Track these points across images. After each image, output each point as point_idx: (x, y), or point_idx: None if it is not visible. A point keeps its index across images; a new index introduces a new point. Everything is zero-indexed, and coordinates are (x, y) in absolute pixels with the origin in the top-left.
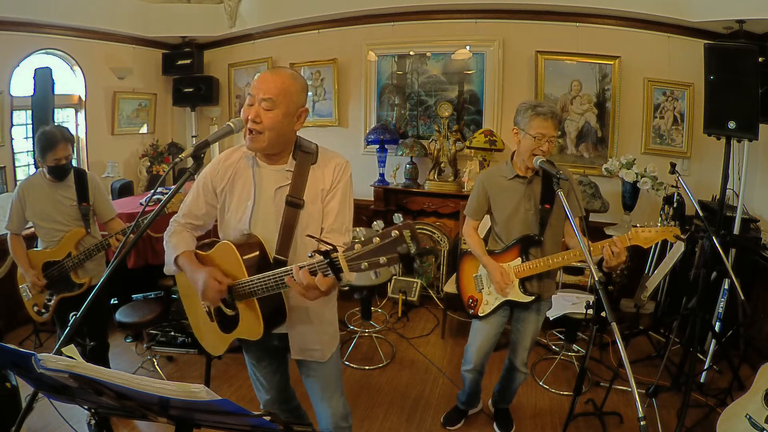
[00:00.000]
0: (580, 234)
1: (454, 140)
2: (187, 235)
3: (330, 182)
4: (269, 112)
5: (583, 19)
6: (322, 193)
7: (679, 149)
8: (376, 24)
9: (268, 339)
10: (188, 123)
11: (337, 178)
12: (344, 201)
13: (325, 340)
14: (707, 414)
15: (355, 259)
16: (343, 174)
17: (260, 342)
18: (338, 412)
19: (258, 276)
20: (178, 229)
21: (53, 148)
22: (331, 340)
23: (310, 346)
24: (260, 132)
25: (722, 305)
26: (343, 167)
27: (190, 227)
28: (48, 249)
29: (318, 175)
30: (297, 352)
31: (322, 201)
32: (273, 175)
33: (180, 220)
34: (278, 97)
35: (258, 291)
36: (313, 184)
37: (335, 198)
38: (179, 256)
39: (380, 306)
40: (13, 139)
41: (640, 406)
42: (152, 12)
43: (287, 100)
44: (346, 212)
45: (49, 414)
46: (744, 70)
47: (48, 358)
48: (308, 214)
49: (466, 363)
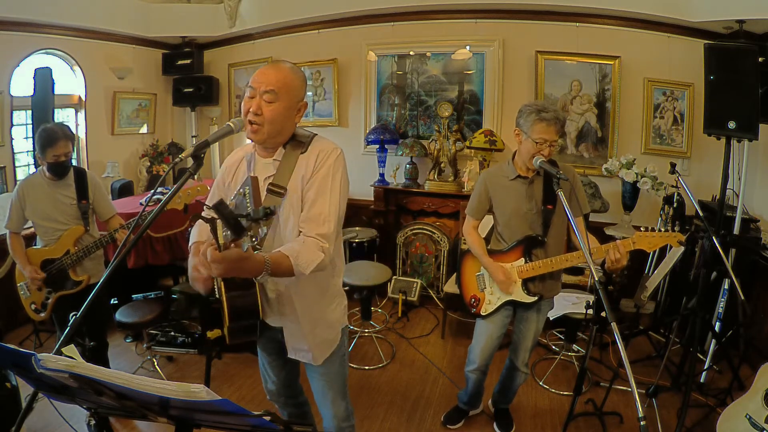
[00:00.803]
0: (581, 234)
1: (454, 140)
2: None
3: (311, 169)
4: (270, 105)
5: (583, 19)
6: (302, 181)
7: (679, 149)
8: (376, 24)
9: (273, 332)
10: (188, 123)
11: (318, 165)
12: (323, 188)
13: (317, 343)
14: (707, 414)
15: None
16: (326, 160)
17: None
18: (339, 415)
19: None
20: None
21: (53, 145)
22: (324, 344)
23: (299, 346)
24: (260, 124)
25: (722, 305)
26: (327, 153)
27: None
28: (47, 247)
29: (303, 163)
30: (290, 350)
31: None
32: (264, 167)
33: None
34: (280, 90)
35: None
36: (298, 172)
37: (314, 185)
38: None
39: (380, 306)
40: (13, 139)
41: (640, 406)
42: (152, 12)
43: (289, 94)
44: (326, 201)
45: (49, 414)
46: (744, 70)
47: (48, 358)
48: (290, 203)
49: (470, 363)
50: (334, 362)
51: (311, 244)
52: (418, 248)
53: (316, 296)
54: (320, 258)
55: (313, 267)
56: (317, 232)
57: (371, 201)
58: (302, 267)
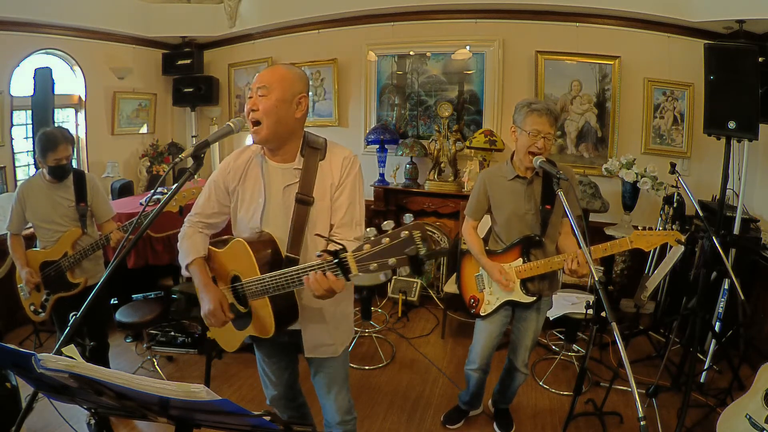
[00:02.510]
0: (579, 234)
1: (454, 140)
2: (199, 237)
3: (339, 177)
4: (264, 98)
5: (583, 19)
6: (331, 189)
7: (679, 149)
8: (376, 24)
9: (280, 336)
10: (188, 123)
11: (345, 172)
12: (353, 195)
13: (338, 335)
14: (707, 414)
15: (364, 260)
16: (352, 167)
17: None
18: (343, 407)
19: (271, 274)
20: (188, 232)
21: (54, 149)
22: (344, 334)
23: (324, 342)
24: (259, 121)
25: (722, 305)
26: (351, 161)
27: (202, 226)
28: (45, 249)
29: (326, 170)
30: (310, 350)
31: (331, 197)
32: (281, 173)
33: (192, 219)
34: (272, 83)
35: (270, 289)
36: (322, 180)
37: (344, 193)
38: (190, 265)
39: (380, 306)
40: (13, 139)
41: (640, 406)
42: (152, 12)
43: (282, 85)
44: (356, 206)
45: (49, 414)
46: (744, 70)
47: (48, 358)
48: (318, 211)
49: (470, 363)
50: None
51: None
52: None
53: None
54: None
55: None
56: (354, 236)
57: (371, 201)
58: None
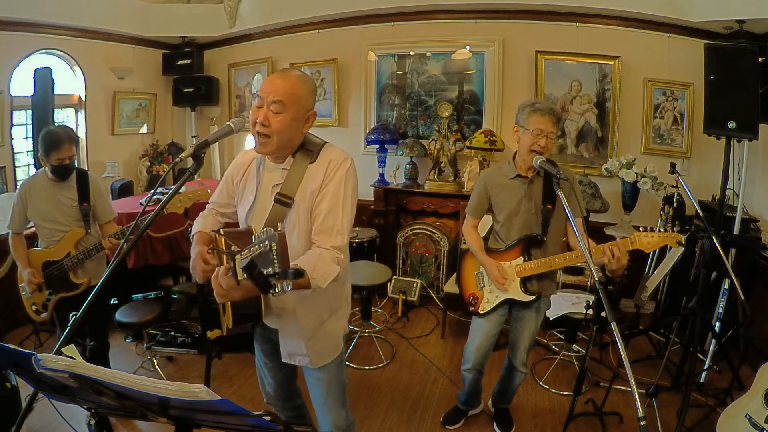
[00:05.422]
0: (581, 234)
1: (454, 140)
2: (211, 219)
3: (321, 180)
4: (278, 116)
5: (583, 19)
6: (311, 194)
7: (679, 149)
8: (376, 24)
9: (270, 333)
10: (188, 123)
11: (329, 176)
12: (336, 200)
13: (316, 349)
14: (707, 414)
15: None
16: (337, 171)
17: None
18: (340, 425)
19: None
20: (205, 213)
21: (58, 148)
22: (324, 351)
23: (297, 351)
24: (268, 136)
25: (722, 305)
26: (338, 164)
27: (215, 213)
28: (48, 249)
29: (312, 173)
30: (285, 355)
31: (313, 200)
32: (272, 174)
33: (210, 205)
34: (288, 101)
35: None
36: (307, 182)
37: (326, 198)
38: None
39: (380, 306)
40: (13, 139)
41: (640, 406)
42: (152, 12)
43: (296, 105)
44: (338, 212)
45: (49, 414)
46: (744, 70)
47: (48, 358)
48: (299, 213)
49: (465, 362)
50: (332, 366)
51: (327, 257)
52: (417, 248)
53: (321, 305)
54: (336, 271)
55: (330, 280)
56: (332, 245)
57: (371, 201)
58: (319, 281)
